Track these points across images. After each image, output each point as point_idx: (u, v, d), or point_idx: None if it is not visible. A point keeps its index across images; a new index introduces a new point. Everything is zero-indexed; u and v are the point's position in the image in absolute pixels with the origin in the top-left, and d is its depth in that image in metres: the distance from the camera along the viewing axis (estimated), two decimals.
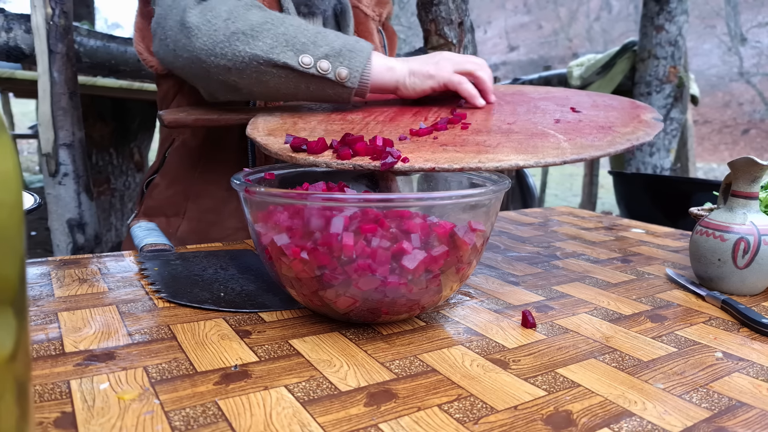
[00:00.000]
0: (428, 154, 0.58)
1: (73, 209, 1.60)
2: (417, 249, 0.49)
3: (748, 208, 0.67)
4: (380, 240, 0.48)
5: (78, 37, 1.70)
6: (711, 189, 2.30)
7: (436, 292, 0.53)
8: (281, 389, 0.42)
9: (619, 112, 0.73)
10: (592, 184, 4.11)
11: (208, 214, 0.94)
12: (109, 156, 2.70)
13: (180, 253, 0.76)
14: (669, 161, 3.33)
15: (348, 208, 0.49)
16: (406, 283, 0.50)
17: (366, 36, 1.06)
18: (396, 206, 0.50)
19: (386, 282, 0.49)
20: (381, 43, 1.10)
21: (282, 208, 0.51)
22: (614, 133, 0.63)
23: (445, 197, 0.50)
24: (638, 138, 0.62)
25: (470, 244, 0.52)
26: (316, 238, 0.48)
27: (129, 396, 0.41)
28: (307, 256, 0.49)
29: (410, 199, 0.50)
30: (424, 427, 0.38)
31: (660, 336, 0.56)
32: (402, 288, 0.50)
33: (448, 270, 0.52)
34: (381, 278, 0.49)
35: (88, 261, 0.73)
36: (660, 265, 0.82)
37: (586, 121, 0.69)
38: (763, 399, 0.44)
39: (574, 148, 0.58)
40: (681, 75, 3.26)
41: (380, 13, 1.12)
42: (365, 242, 0.48)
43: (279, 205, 0.51)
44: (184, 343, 0.50)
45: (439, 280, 0.52)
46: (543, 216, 1.18)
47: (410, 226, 0.50)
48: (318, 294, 0.51)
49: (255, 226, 0.53)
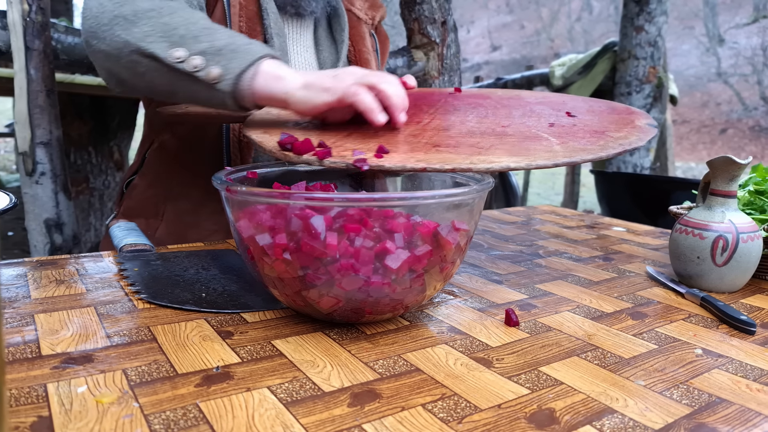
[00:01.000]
0: (421, 155, 0.57)
1: (51, 209, 1.58)
2: (400, 249, 0.49)
3: (726, 207, 0.68)
4: (363, 240, 0.48)
5: (55, 33, 1.67)
6: (690, 188, 2.33)
7: (420, 292, 0.53)
8: (264, 390, 0.42)
9: (614, 117, 0.73)
10: (574, 183, 4.15)
11: (186, 216, 0.93)
12: (87, 155, 2.66)
13: (160, 253, 0.75)
14: (649, 160, 3.37)
15: (331, 207, 0.48)
16: (390, 282, 0.50)
17: (358, 40, 1.04)
18: (380, 206, 0.50)
19: (370, 282, 0.49)
20: (373, 47, 1.08)
21: (264, 207, 0.50)
22: (607, 138, 0.63)
23: (428, 197, 0.49)
24: (630, 143, 0.62)
25: (454, 243, 0.52)
26: (298, 238, 0.48)
27: (107, 399, 0.40)
28: (290, 257, 0.49)
29: (394, 199, 0.50)
30: (408, 427, 0.38)
31: (641, 333, 0.56)
32: (386, 288, 0.50)
33: (432, 269, 0.52)
34: (364, 278, 0.49)
35: (66, 262, 0.72)
36: (640, 263, 0.83)
37: (580, 125, 0.69)
38: (742, 395, 0.44)
39: (566, 151, 0.58)
40: (660, 75, 3.30)
41: (373, 16, 1.10)
42: (348, 242, 0.48)
43: (261, 205, 0.51)
44: (164, 344, 0.49)
45: (423, 279, 0.52)
46: (526, 215, 1.19)
47: (394, 226, 0.49)
48: (301, 294, 0.51)
49: (237, 225, 0.53)
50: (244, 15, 0.90)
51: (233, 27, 0.89)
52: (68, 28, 1.73)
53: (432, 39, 2.31)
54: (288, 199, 0.48)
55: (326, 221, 0.48)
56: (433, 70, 2.41)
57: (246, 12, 0.90)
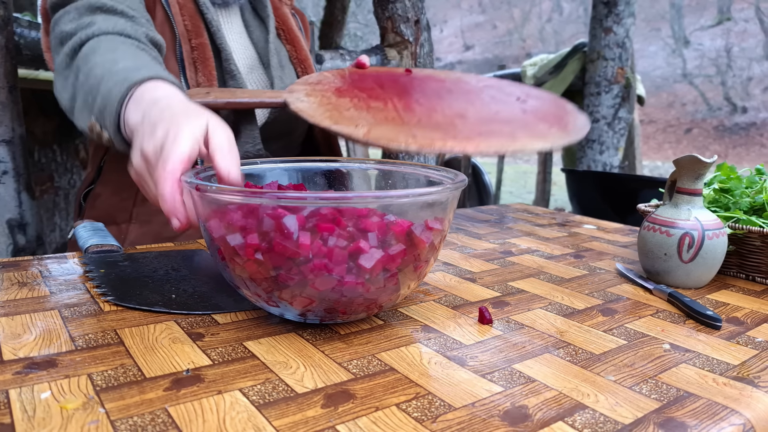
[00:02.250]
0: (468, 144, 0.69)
1: (14, 209, 1.53)
2: (374, 248, 0.49)
3: (692, 205, 0.70)
4: (337, 239, 0.48)
5: (18, 28, 1.62)
6: (657, 186, 2.38)
7: (394, 291, 0.52)
8: (235, 393, 0.41)
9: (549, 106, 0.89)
10: (545, 182, 4.21)
11: (158, 214, 0.92)
12: (52, 153, 2.59)
13: (128, 254, 0.73)
14: (618, 159, 3.43)
15: (304, 207, 0.48)
16: (364, 282, 0.49)
17: (285, 20, 1.10)
18: (353, 204, 0.49)
19: (343, 282, 0.48)
20: (297, 26, 1.15)
21: (236, 207, 0.49)
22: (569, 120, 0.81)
23: (402, 195, 0.49)
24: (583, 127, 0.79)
25: (428, 242, 0.52)
26: (270, 238, 0.47)
27: (72, 405, 0.39)
28: (262, 257, 0.48)
29: (368, 198, 0.50)
30: (382, 427, 0.38)
31: (611, 329, 0.57)
32: (359, 287, 0.49)
33: (406, 268, 0.51)
34: (338, 278, 0.48)
35: (29, 263, 0.70)
36: (610, 260, 0.84)
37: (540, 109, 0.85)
38: (709, 389, 0.45)
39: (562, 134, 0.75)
40: (628, 76, 3.36)
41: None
42: (321, 241, 0.47)
43: (233, 204, 0.50)
44: (132, 348, 0.48)
45: (397, 278, 0.51)
46: (498, 213, 1.20)
47: (367, 225, 0.49)
48: (273, 295, 0.50)
49: (207, 225, 0.51)
50: (186, 14, 0.92)
51: (178, 27, 0.91)
52: (32, 23, 1.68)
53: (405, 38, 2.31)
54: (260, 198, 0.47)
55: (299, 221, 0.47)
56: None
57: (187, 10, 0.93)
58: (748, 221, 0.73)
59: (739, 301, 0.67)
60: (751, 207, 0.77)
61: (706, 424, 0.40)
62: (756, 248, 0.73)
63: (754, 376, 0.48)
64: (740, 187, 0.79)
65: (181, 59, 0.90)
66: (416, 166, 0.66)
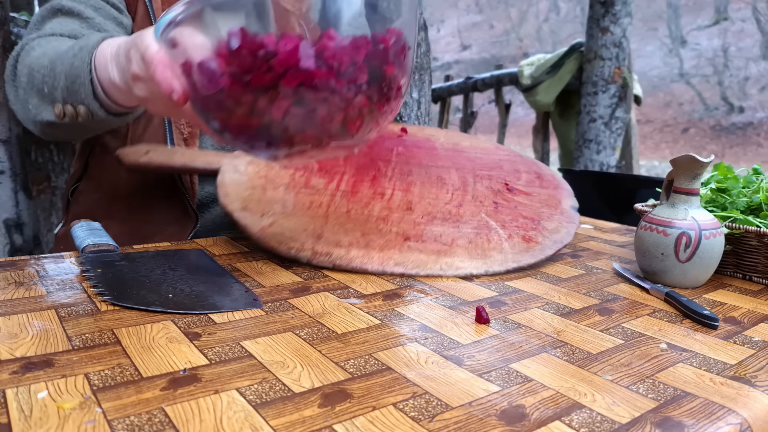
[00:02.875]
0: (396, 254, 0.70)
1: (11, 208, 1.52)
2: (339, 38, 0.50)
3: (689, 204, 0.70)
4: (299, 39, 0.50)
5: (15, 28, 1.62)
6: (654, 185, 2.39)
7: (368, 90, 0.52)
8: (232, 392, 0.41)
9: (544, 194, 0.89)
10: None
11: (138, 211, 0.93)
12: (49, 153, 2.59)
13: (125, 253, 0.73)
14: (615, 159, 3.44)
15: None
16: (335, 74, 0.49)
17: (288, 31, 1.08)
18: None
19: (313, 73, 0.49)
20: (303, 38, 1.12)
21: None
22: (541, 230, 0.80)
23: None
24: (561, 239, 0.79)
25: (390, 40, 0.53)
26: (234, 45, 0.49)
27: (69, 405, 0.39)
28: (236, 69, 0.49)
29: None
30: (379, 426, 0.38)
31: (608, 329, 0.57)
32: (331, 80, 0.49)
33: (374, 65, 0.52)
34: (308, 69, 0.48)
35: (26, 263, 0.70)
36: (607, 259, 0.84)
37: (520, 207, 0.84)
38: (706, 388, 0.45)
39: (514, 254, 0.74)
40: (625, 75, 3.37)
41: (299, 8, 1.14)
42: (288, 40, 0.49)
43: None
44: (129, 347, 0.48)
45: (366, 74, 0.51)
46: None
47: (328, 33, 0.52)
48: (252, 112, 0.51)
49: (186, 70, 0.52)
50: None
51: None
52: (28, 23, 1.68)
53: None
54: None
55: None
56: None
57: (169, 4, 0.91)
58: (745, 221, 0.73)
59: (736, 301, 0.67)
60: (748, 207, 0.77)
61: (703, 423, 0.40)
62: (753, 248, 0.73)
63: (751, 375, 0.48)
64: (737, 187, 0.80)
65: None
66: None
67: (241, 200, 0.75)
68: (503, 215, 0.81)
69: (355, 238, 0.72)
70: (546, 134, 4.12)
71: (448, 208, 0.80)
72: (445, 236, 0.74)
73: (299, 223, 0.72)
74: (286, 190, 0.79)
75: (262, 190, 0.77)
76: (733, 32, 15.36)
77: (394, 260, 0.69)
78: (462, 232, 0.75)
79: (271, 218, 0.72)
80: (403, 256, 0.70)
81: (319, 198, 0.78)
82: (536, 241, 0.77)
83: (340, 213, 0.76)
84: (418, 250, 0.71)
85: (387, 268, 0.68)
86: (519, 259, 0.73)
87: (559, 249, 0.76)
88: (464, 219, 0.78)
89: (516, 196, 0.85)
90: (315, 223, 0.73)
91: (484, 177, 0.90)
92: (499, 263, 0.71)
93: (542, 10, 19.53)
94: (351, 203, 0.77)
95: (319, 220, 0.74)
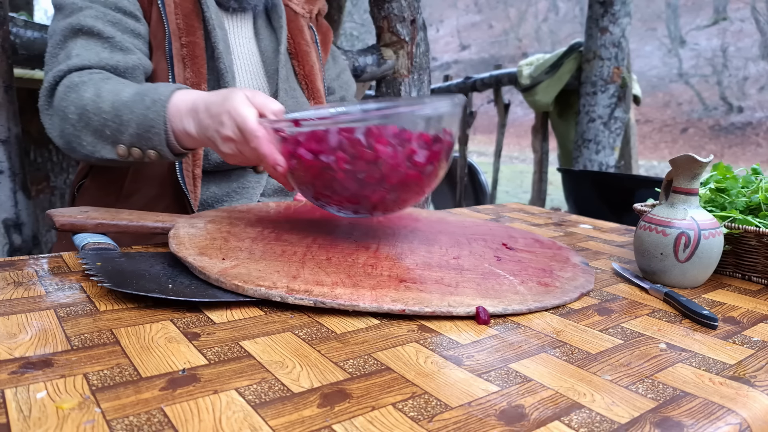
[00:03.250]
0: (393, 293, 0.59)
1: (10, 208, 1.52)
2: (421, 149, 0.67)
3: (688, 204, 0.70)
4: (395, 147, 0.66)
5: (14, 27, 1.61)
6: (653, 185, 2.39)
7: (435, 178, 0.71)
8: (231, 392, 0.41)
9: (548, 253, 0.80)
10: (541, 181, 4.21)
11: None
12: (48, 152, 2.58)
13: (125, 252, 0.73)
14: (614, 159, 3.44)
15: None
16: (419, 174, 0.68)
17: (296, 33, 1.09)
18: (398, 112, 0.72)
19: (407, 174, 0.67)
20: (312, 39, 1.13)
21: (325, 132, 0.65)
22: (556, 277, 0.69)
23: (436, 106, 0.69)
24: (583, 285, 0.68)
25: (450, 142, 0.70)
26: (352, 152, 0.65)
27: (68, 405, 0.38)
28: (350, 165, 0.65)
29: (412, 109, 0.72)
30: (378, 426, 0.38)
31: (607, 329, 0.57)
32: (416, 178, 0.68)
33: (440, 162, 0.70)
34: (404, 172, 0.66)
35: (25, 263, 0.70)
36: (606, 259, 0.84)
37: (525, 261, 0.75)
38: (705, 388, 0.45)
39: (532, 294, 0.63)
40: (624, 75, 3.37)
41: (310, 10, 1.15)
42: (390, 148, 0.65)
43: (321, 131, 0.65)
44: (128, 347, 0.48)
45: (437, 169, 0.70)
46: (495, 212, 1.20)
47: (408, 136, 0.67)
48: (356, 195, 0.68)
49: (297, 153, 0.67)
50: (180, 13, 0.93)
51: (170, 24, 0.92)
52: (27, 23, 1.68)
53: (401, 37, 2.31)
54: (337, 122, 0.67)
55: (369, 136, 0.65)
56: (402, 69, 2.41)
57: (182, 9, 0.93)
58: (744, 221, 0.73)
59: (736, 301, 0.67)
60: (747, 206, 0.78)
61: (702, 423, 0.40)
62: (752, 248, 0.73)
63: (751, 375, 0.48)
64: (736, 187, 0.80)
65: (171, 56, 0.92)
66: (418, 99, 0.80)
67: (198, 248, 0.67)
68: (509, 266, 0.71)
69: (340, 278, 0.61)
70: (545, 134, 4.12)
71: (446, 259, 0.71)
72: (447, 279, 0.64)
73: (269, 266, 0.63)
74: (254, 241, 0.71)
75: (224, 241, 0.71)
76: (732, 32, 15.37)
77: (390, 297, 0.57)
78: (466, 277, 0.65)
79: (234, 261, 0.63)
80: (400, 294, 0.59)
81: (293, 248, 0.70)
82: (554, 286, 0.66)
83: (319, 260, 0.66)
84: (419, 289, 0.60)
85: (384, 305, 0.56)
86: (540, 299, 0.61)
87: (582, 294, 0.66)
88: (466, 267, 0.69)
89: (518, 253, 0.77)
90: (289, 266, 0.63)
91: (478, 239, 0.83)
92: (518, 302, 0.60)
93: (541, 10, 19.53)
94: (331, 253, 0.69)
95: (294, 264, 0.64)
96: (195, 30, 0.93)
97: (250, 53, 1.03)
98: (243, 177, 1.03)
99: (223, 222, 0.80)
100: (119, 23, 0.87)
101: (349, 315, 0.57)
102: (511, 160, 12.62)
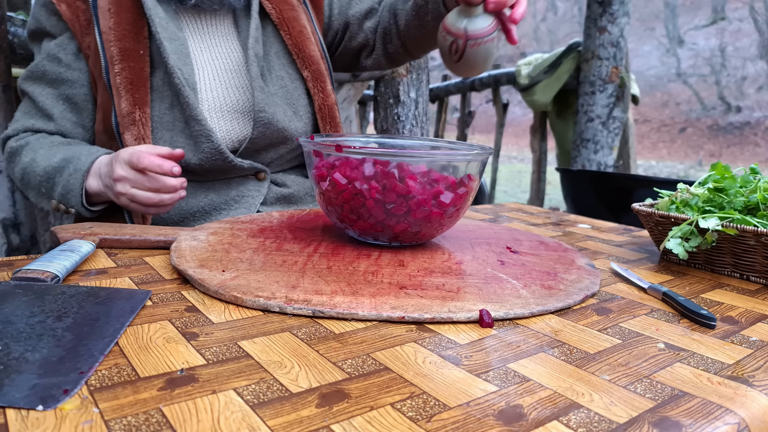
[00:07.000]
0: (392, 300, 0.59)
1: (8, 208, 1.52)
2: (447, 191, 0.73)
3: (467, 14, 0.83)
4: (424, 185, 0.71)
5: (12, 27, 1.61)
6: (652, 185, 2.39)
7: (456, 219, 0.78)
8: (230, 393, 0.41)
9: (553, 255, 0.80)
10: (540, 181, 4.22)
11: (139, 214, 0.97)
12: None
13: (48, 286, 0.73)
14: (612, 158, 3.44)
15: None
16: (442, 213, 0.74)
17: (287, 10, 1.07)
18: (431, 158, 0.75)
19: (431, 213, 0.73)
20: (306, 15, 1.12)
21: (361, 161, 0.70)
22: (560, 280, 0.69)
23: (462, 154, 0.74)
24: (588, 288, 0.67)
25: (473, 186, 0.76)
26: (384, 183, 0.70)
27: (66, 406, 0.38)
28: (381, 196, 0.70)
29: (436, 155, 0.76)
30: (376, 426, 0.38)
31: (605, 328, 0.57)
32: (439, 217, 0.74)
33: (463, 204, 0.76)
34: (428, 210, 0.72)
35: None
36: (605, 259, 0.84)
37: (530, 265, 0.74)
38: (704, 388, 0.45)
39: (535, 297, 0.62)
40: (622, 75, 3.37)
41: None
42: (419, 185, 0.71)
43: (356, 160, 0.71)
44: (126, 347, 0.48)
45: (459, 211, 0.76)
46: (493, 212, 1.20)
47: (437, 177, 0.73)
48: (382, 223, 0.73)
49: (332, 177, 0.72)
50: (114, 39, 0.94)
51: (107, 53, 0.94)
52: (26, 22, 1.67)
53: None
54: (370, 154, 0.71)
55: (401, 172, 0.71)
56: (401, 68, 2.41)
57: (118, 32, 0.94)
58: (742, 220, 0.73)
59: (734, 300, 0.67)
60: (745, 206, 0.78)
61: (700, 423, 0.40)
62: (750, 247, 0.73)
63: (749, 375, 0.48)
64: (734, 187, 0.80)
65: (110, 86, 0.93)
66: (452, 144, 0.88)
67: (199, 260, 0.68)
68: (513, 270, 0.72)
69: (339, 287, 0.61)
70: (543, 134, 4.12)
71: (448, 265, 0.72)
72: (449, 285, 0.64)
73: (269, 276, 0.63)
74: (255, 252, 0.72)
75: (224, 252, 0.71)
76: (730, 32, 15.39)
77: (389, 304, 0.58)
78: (468, 282, 0.66)
79: (234, 273, 0.64)
80: (399, 301, 0.59)
81: (294, 258, 0.71)
82: (558, 288, 0.66)
83: (319, 269, 0.67)
84: (419, 296, 0.60)
85: (383, 312, 0.56)
86: (543, 302, 0.61)
87: (586, 296, 0.65)
88: (468, 272, 0.69)
89: (522, 257, 0.78)
90: (289, 276, 0.64)
91: (482, 243, 0.83)
92: (520, 306, 0.59)
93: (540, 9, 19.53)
94: (332, 261, 0.70)
95: (293, 274, 0.65)
96: (132, 53, 0.93)
97: (229, 51, 1.02)
98: (243, 185, 1.02)
99: (225, 233, 0.80)
100: (54, 82, 0.98)
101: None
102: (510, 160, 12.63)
